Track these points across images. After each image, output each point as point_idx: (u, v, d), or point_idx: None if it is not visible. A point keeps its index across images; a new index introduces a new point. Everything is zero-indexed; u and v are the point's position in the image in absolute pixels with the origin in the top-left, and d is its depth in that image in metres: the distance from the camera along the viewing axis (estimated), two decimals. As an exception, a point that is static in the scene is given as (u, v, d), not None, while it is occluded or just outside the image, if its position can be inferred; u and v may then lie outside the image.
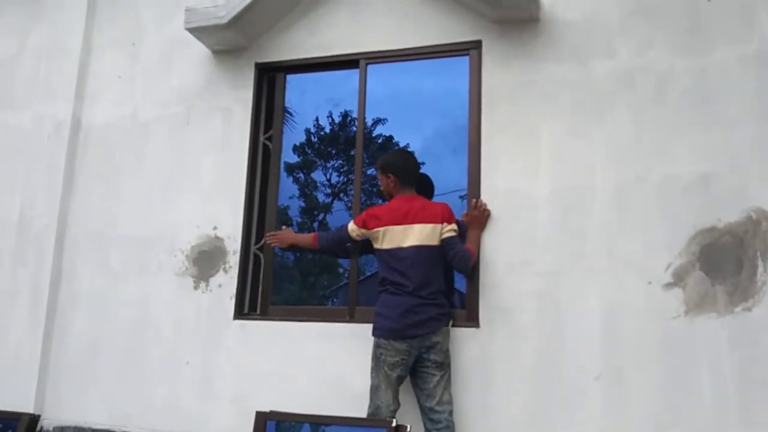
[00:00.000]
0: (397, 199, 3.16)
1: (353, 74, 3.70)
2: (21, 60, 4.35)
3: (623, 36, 3.22)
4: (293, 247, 3.63)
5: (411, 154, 3.38)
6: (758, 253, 2.87)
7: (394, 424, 2.84)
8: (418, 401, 2.99)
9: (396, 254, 3.02)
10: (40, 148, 4.13)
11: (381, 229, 3.07)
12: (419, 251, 3.00)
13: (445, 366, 2.98)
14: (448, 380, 2.99)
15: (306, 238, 3.48)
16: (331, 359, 3.36)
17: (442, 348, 2.98)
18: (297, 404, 3.20)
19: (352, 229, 3.19)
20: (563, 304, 3.07)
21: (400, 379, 2.96)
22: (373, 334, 3.02)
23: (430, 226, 3.03)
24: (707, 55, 3.09)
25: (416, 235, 3.01)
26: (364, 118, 3.69)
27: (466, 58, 3.51)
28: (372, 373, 2.99)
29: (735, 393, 2.79)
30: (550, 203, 3.18)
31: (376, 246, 3.12)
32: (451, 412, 2.93)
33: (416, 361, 2.97)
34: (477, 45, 3.45)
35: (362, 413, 3.04)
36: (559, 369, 3.03)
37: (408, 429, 2.81)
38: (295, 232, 3.64)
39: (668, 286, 2.96)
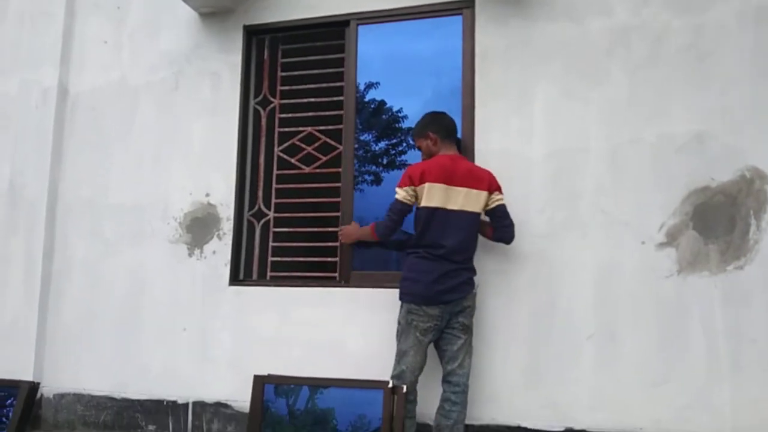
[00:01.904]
0: (441, 156, 2.96)
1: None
2: (4, 25, 4.25)
3: (619, -7, 3.16)
4: (359, 243, 3.31)
5: (444, 112, 3.12)
6: (751, 212, 2.89)
7: (390, 384, 2.89)
8: (441, 362, 2.96)
9: (439, 214, 2.85)
10: (28, 116, 4.07)
11: (426, 184, 2.85)
12: (462, 216, 2.87)
13: (469, 330, 2.94)
14: (471, 344, 2.95)
15: (366, 231, 3.10)
16: (328, 323, 3.38)
17: (471, 312, 2.94)
18: (294, 368, 3.24)
19: (401, 196, 2.89)
20: (558, 265, 3.09)
21: (430, 343, 2.91)
22: (403, 299, 2.91)
23: (475, 191, 2.89)
24: (704, 12, 3.04)
25: (462, 198, 2.87)
26: (356, 81, 3.63)
27: (460, 17, 3.44)
28: (400, 337, 2.90)
29: (726, 350, 2.84)
30: (545, 165, 3.17)
31: (417, 204, 2.92)
32: (468, 377, 2.91)
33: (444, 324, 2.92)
34: (470, 4, 3.38)
35: (358, 375, 3.08)
36: (554, 329, 3.06)
37: (404, 390, 2.86)
38: (360, 226, 3.25)
39: (662, 245, 2.98)
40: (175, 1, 3.74)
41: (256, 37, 3.86)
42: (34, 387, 3.69)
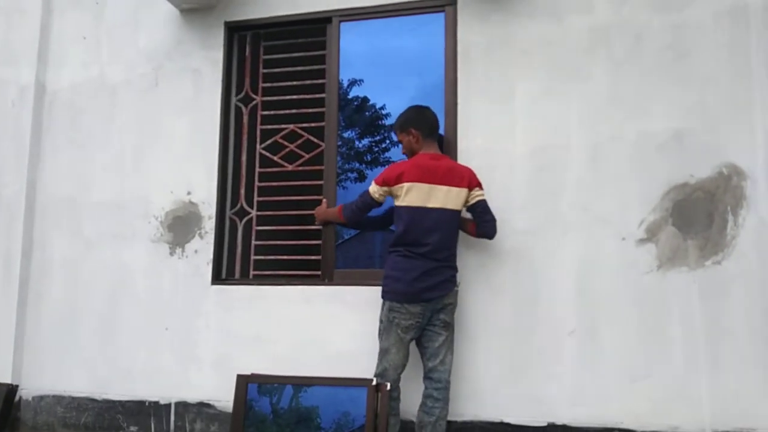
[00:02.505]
0: (421, 156, 2.98)
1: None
2: (-22, 21, 4.17)
3: (599, -9, 3.19)
4: (326, 223, 3.39)
5: (428, 107, 3.13)
6: (729, 208, 2.93)
7: (374, 382, 2.89)
8: (422, 359, 2.97)
9: (419, 213, 2.86)
10: (5, 114, 4.01)
11: (405, 184, 2.88)
12: (443, 214, 2.88)
13: (450, 327, 2.95)
14: (452, 341, 2.96)
15: (333, 212, 3.25)
16: (311, 321, 3.37)
17: (452, 309, 2.96)
18: (278, 366, 3.23)
19: (373, 191, 2.97)
20: (539, 261, 3.11)
21: (411, 340, 2.92)
22: (385, 297, 2.91)
23: (456, 189, 2.90)
24: (682, 11, 3.08)
25: (443, 197, 2.88)
26: (338, 78, 3.62)
27: (442, 14, 3.44)
28: (381, 335, 2.92)
29: (705, 344, 2.88)
30: (526, 162, 3.19)
31: (397, 203, 2.94)
32: (450, 374, 2.93)
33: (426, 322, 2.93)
34: (452, 1, 3.39)
35: (342, 373, 3.08)
36: (536, 325, 3.09)
37: (387, 387, 2.87)
38: (327, 207, 3.36)
39: (641, 241, 3.01)
40: (155, -4, 3.69)
41: (238, 34, 3.83)
42: (12, 389, 3.64)
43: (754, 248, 2.88)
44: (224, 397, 3.37)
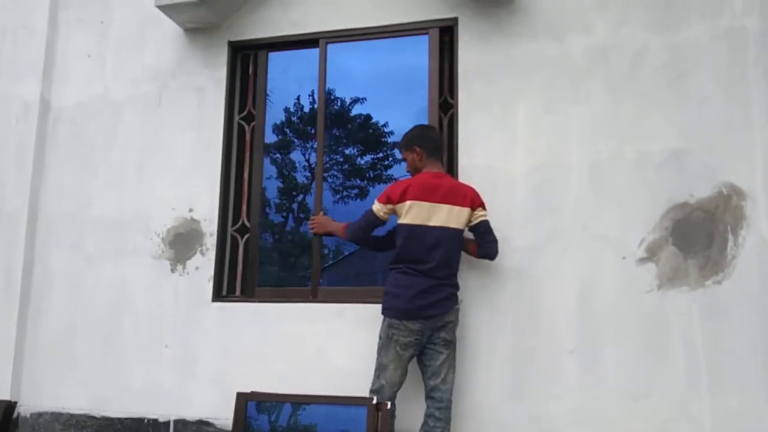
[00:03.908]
0: (424, 174, 2.99)
1: (334, 51, 3.65)
2: (-16, 39, 4.22)
3: (598, 12, 3.23)
4: (330, 235, 3.37)
5: (433, 127, 3.23)
6: (729, 228, 2.94)
7: (374, 401, 2.87)
8: (423, 378, 2.95)
9: (420, 231, 2.87)
10: (9, 130, 4.03)
11: (408, 202, 2.88)
12: (445, 233, 2.88)
13: (452, 345, 2.94)
14: (454, 359, 2.95)
15: (338, 227, 3.22)
16: (311, 339, 3.37)
17: (453, 327, 2.95)
18: (277, 384, 3.21)
19: (377, 209, 2.96)
20: (540, 280, 3.12)
21: (411, 358, 2.91)
22: (384, 314, 2.91)
23: (457, 208, 2.90)
24: (681, 32, 3.12)
25: (444, 215, 2.88)
26: (325, 97, 3.66)
27: (426, 37, 3.49)
28: (380, 351, 2.90)
29: (706, 364, 2.87)
30: (527, 180, 3.21)
31: (400, 221, 2.93)
32: (451, 393, 2.91)
33: (426, 340, 2.92)
34: (453, 21, 3.43)
35: (342, 391, 3.06)
36: (537, 343, 3.08)
37: (388, 406, 2.85)
38: (332, 219, 3.32)
39: (642, 260, 3.02)
40: (159, 16, 3.73)
41: (241, 53, 3.87)
42: (10, 406, 3.62)
43: (755, 268, 2.88)
44: (223, 415, 3.35)
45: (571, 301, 3.07)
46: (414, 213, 2.88)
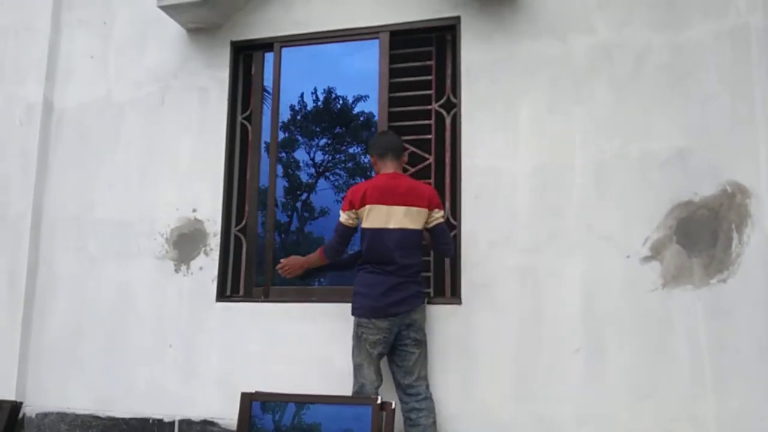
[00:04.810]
0: (381, 176, 3.07)
1: (340, 50, 3.65)
2: (-12, 40, 4.22)
3: (601, 11, 3.22)
4: (306, 270, 3.24)
5: (390, 131, 3.30)
6: (733, 226, 2.93)
7: (379, 401, 2.88)
8: (394, 378, 3.02)
9: (380, 234, 2.94)
10: (12, 132, 4.04)
11: (367, 207, 2.95)
12: (404, 234, 2.95)
13: (422, 344, 3.02)
14: (425, 357, 3.03)
15: (314, 256, 3.16)
16: (315, 338, 3.37)
17: (420, 326, 3.01)
18: (282, 384, 3.22)
19: (344, 219, 3.00)
20: (544, 280, 3.12)
21: (380, 356, 2.98)
22: (354, 313, 2.99)
23: (415, 209, 2.96)
24: (684, 31, 3.11)
25: (401, 217, 2.94)
26: (279, 100, 3.74)
27: (377, 41, 3.52)
28: (353, 352, 2.99)
29: (710, 362, 2.87)
30: (530, 180, 3.20)
31: (362, 225, 3.00)
32: (428, 386, 2.99)
33: (395, 339, 2.98)
34: (456, 20, 3.43)
35: (347, 391, 3.07)
36: (540, 343, 3.08)
37: (392, 405, 2.86)
38: (301, 256, 3.23)
39: (646, 259, 3.01)
40: (162, 17, 3.74)
41: (244, 53, 3.87)
42: (16, 406, 3.62)
43: (760, 266, 2.87)
44: (228, 415, 3.36)
45: (575, 300, 3.06)
46: (373, 217, 2.95)
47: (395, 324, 2.93)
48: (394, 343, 2.99)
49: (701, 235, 2.97)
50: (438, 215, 3.03)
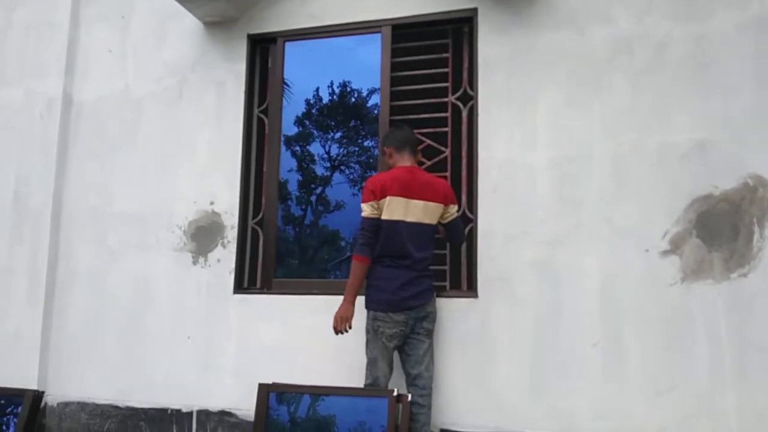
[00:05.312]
0: (398, 169, 3.06)
1: (355, 43, 3.66)
2: (8, 35, 4.28)
3: (621, 2, 3.18)
4: (356, 293, 2.99)
5: (404, 125, 3.29)
6: (754, 220, 2.89)
7: (395, 393, 2.89)
8: (403, 367, 3.03)
9: (397, 226, 2.94)
10: (33, 126, 4.09)
11: (387, 198, 2.93)
12: (420, 228, 2.97)
13: (431, 334, 3.04)
14: (433, 349, 3.05)
15: (351, 280, 2.95)
16: (331, 331, 3.37)
17: (433, 317, 3.04)
18: (298, 375, 3.24)
19: (368, 212, 2.94)
20: (561, 273, 3.10)
21: (395, 349, 3.00)
22: (369, 307, 2.98)
23: (433, 204, 2.99)
24: (705, 21, 3.06)
25: (420, 211, 2.96)
26: (282, 94, 3.77)
27: (379, 35, 3.53)
28: (368, 346, 2.98)
29: (731, 358, 2.84)
30: (548, 173, 3.18)
31: (382, 216, 2.96)
32: (432, 380, 3.01)
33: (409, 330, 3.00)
34: (473, 12, 3.41)
35: (362, 383, 3.08)
36: (558, 337, 3.06)
37: (408, 398, 2.87)
38: (344, 307, 2.97)
39: (665, 253, 2.98)
40: (179, 10, 3.76)
41: (260, 46, 3.88)
42: (38, 396, 3.68)
43: (781, 261, 2.84)
44: (245, 406, 3.39)
45: (593, 294, 3.04)
46: (392, 208, 2.94)
47: (411, 317, 2.95)
48: (407, 334, 3.00)
49: (722, 229, 2.93)
50: (453, 210, 3.07)
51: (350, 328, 2.97)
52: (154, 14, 4.02)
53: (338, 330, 2.97)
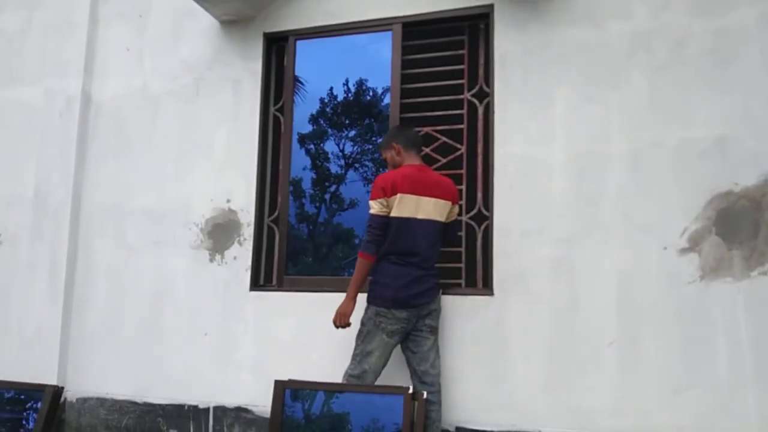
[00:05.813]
0: (407, 167, 3.05)
1: (368, 41, 3.66)
2: (29, 35, 4.33)
3: (639, -3, 3.15)
4: (358, 291, 3.01)
5: (409, 126, 3.30)
6: (776, 217, 2.85)
7: (411, 390, 2.88)
8: (409, 364, 3.03)
9: (407, 224, 2.94)
10: (52, 124, 4.14)
11: (398, 195, 2.93)
12: (430, 225, 2.98)
13: (436, 331, 3.05)
14: (438, 345, 3.06)
15: (356, 274, 2.98)
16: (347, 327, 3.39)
17: (437, 315, 3.05)
18: (312, 372, 3.25)
19: (377, 209, 2.93)
20: (578, 270, 3.08)
21: (395, 345, 3.00)
22: (371, 302, 2.98)
23: (442, 202, 3.01)
24: (725, 16, 3.02)
25: (430, 208, 2.97)
26: (293, 92, 3.79)
27: (389, 33, 3.55)
28: (363, 338, 2.96)
29: (750, 357, 2.80)
30: (565, 169, 3.16)
31: (391, 213, 2.96)
32: (440, 376, 3.02)
33: (411, 327, 3.00)
34: (489, 8, 3.39)
35: (378, 381, 3.08)
36: (575, 335, 3.05)
37: (424, 395, 2.86)
38: (345, 303, 3.02)
39: (684, 251, 2.95)
40: (195, 9, 3.78)
41: (276, 44, 3.89)
42: (58, 391, 3.72)
43: (803, 258, 2.79)
44: (261, 403, 3.41)
45: (610, 291, 3.02)
46: (403, 206, 2.94)
47: (413, 315, 2.95)
48: (409, 330, 3.00)
49: (742, 226, 2.89)
50: (456, 210, 3.11)
51: (350, 324, 3.01)
52: (171, 13, 4.05)
53: (338, 325, 3.03)
